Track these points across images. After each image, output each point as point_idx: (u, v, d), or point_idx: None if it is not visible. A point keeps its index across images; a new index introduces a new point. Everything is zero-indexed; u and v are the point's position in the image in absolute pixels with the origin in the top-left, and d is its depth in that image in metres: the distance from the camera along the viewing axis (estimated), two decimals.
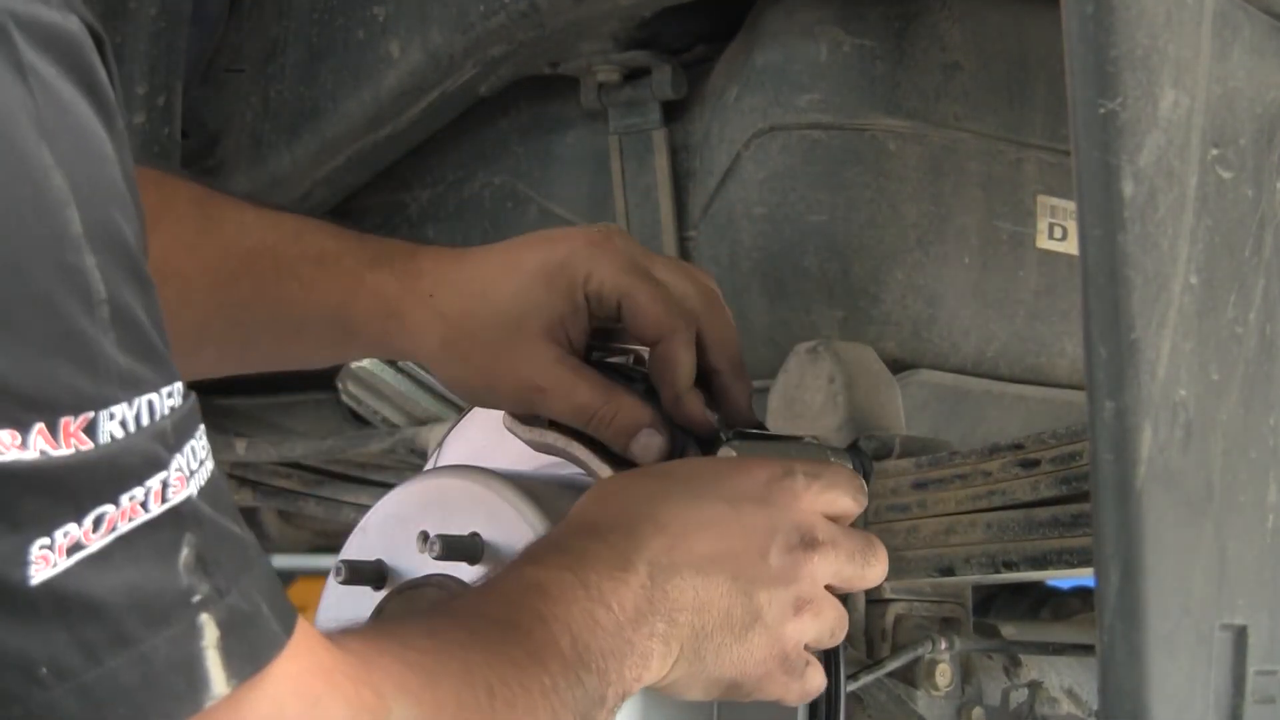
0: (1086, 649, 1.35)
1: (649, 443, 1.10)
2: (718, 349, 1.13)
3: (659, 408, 1.12)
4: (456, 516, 1.12)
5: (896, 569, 1.29)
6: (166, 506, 0.69)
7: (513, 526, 1.10)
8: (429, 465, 1.33)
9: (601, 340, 1.16)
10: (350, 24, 1.58)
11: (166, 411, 0.70)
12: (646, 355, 1.14)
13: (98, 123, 0.69)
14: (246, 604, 0.72)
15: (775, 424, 1.31)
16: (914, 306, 1.39)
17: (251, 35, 1.68)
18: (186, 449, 0.71)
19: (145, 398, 0.69)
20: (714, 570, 1.00)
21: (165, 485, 0.69)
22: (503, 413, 1.16)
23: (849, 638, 1.25)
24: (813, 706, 1.09)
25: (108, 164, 0.69)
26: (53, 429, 0.65)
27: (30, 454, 0.65)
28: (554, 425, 1.13)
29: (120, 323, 0.68)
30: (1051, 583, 1.65)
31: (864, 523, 1.33)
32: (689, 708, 1.11)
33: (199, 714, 0.69)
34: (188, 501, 0.70)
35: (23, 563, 0.65)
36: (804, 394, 1.32)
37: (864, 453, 1.25)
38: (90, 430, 0.67)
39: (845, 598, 1.30)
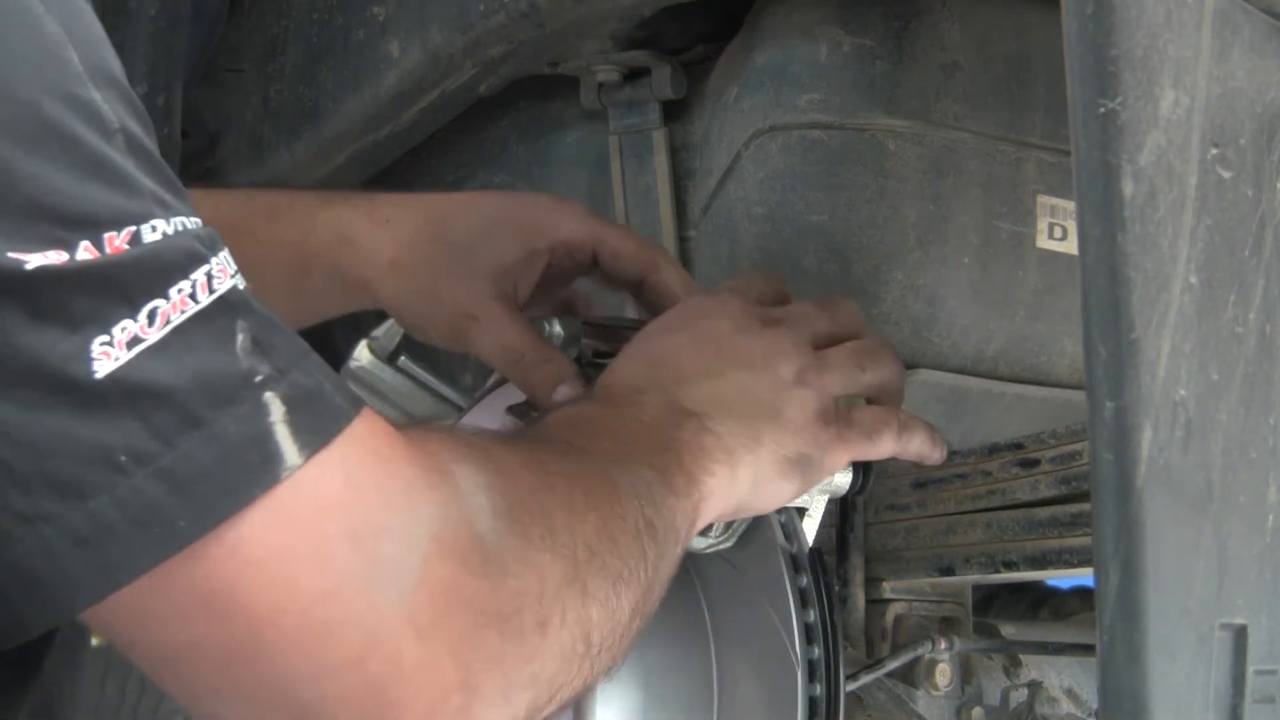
0: (1086, 649, 1.35)
1: (571, 395, 1.12)
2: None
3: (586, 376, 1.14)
4: None
5: (896, 569, 1.29)
6: (215, 296, 0.72)
7: None
8: None
9: (598, 337, 1.17)
10: (350, 24, 1.58)
11: (197, 228, 0.73)
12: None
13: None
14: (310, 381, 0.75)
15: None
16: (914, 306, 1.39)
17: (251, 35, 1.68)
18: (222, 254, 0.74)
19: (179, 218, 0.72)
20: (716, 369, 1.05)
21: (210, 276, 0.72)
22: (504, 410, 1.16)
23: (848, 637, 1.25)
24: (812, 706, 1.09)
25: (87, 14, 0.73)
26: (98, 245, 0.68)
27: (76, 260, 0.68)
28: None
29: (137, 152, 0.71)
30: (1051, 583, 1.65)
31: (865, 522, 1.33)
32: (689, 706, 1.12)
33: (278, 485, 0.72)
34: (234, 290, 0.73)
35: (85, 359, 0.68)
36: None
37: None
38: (134, 241, 0.69)
39: (845, 598, 1.31)
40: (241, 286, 0.74)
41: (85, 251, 0.68)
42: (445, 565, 0.78)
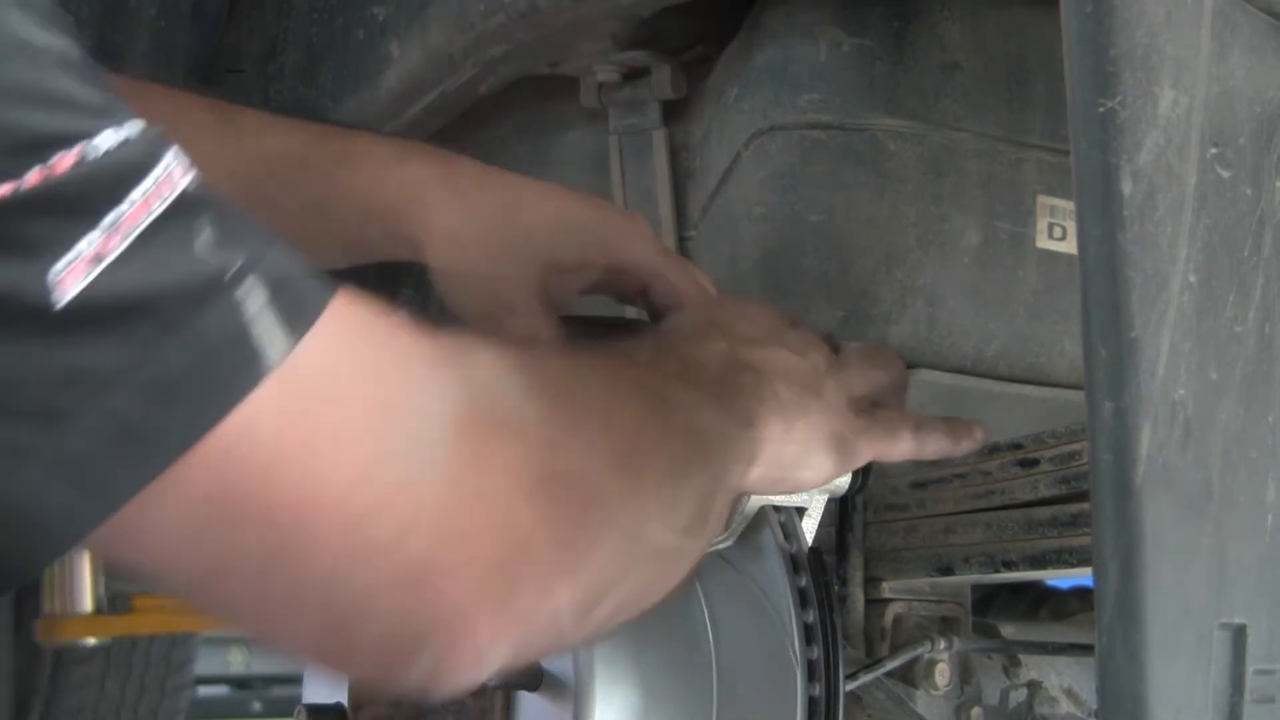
0: (1086, 649, 1.35)
1: None
2: None
3: None
4: None
5: (896, 569, 1.29)
6: (174, 195, 0.68)
7: None
8: None
9: (588, 334, 1.18)
10: (350, 24, 1.58)
11: (145, 129, 0.69)
12: None
13: None
14: (282, 267, 0.71)
15: None
16: (914, 306, 1.39)
17: (251, 35, 1.68)
18: (175, 150, 0.70)
19: (129, 122, 0.68)
20: (766, 342, 1.06)
21: (168, 175, 0.68)
22: None
23: (848, 637, 1.25)
24: (811, 706, 1.09)
25: None
26: (46, 167, 0.65)
27: (25, 187, 0.64)
28: None
29: (70, 68, 0.67)
30: (1051, 583, 1.65)
31: (864, 522, 1.33)
32: (688, 706, 1.11)
33: (271, 376, 0.68)
34: (193, 184, 0.69)
35: (47, 285, 0.64)
36: None
37: None
38: (83, 157, 0.66)
39: (844, 598, 1.31)
40: (199, 180, 0.70)
41: (34, 176, 0.64)
42: (474, 440, 0.75)
